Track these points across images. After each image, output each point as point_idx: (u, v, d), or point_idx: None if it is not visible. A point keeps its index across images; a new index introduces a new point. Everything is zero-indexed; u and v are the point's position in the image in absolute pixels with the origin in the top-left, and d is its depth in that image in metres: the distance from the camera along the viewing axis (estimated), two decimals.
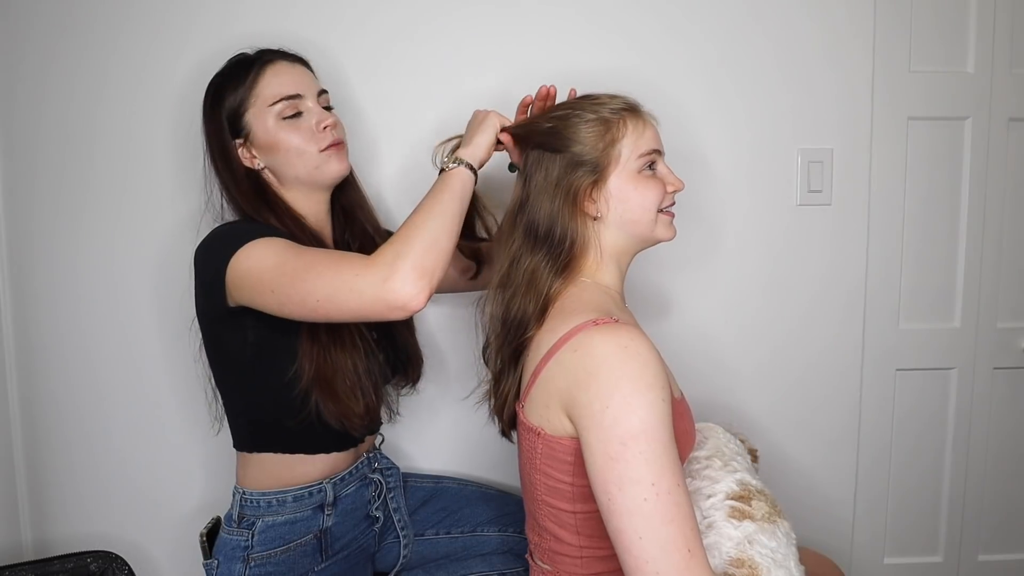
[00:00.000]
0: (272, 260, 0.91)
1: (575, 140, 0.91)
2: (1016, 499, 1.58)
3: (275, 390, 1.03)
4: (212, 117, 1.06)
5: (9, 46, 1.32)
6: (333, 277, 0.88)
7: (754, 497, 0.91)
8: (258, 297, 0.92)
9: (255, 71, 1.04)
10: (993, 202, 1.48)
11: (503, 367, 0.96)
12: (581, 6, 1.38)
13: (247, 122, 1.04)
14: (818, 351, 1.49)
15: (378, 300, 0.85)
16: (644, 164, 0.92)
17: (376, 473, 1.17)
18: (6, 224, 1.37)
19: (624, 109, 0.93)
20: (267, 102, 1.03)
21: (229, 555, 1.04)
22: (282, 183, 1.07)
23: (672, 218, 0.97)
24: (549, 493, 0.88)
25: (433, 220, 0.90)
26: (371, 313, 0.87)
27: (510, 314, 0.92)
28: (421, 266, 0.86)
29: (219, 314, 0.99)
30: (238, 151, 1.05)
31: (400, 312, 0.86)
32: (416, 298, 0.85)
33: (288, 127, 1.03)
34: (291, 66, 1.07)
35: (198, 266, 1.00)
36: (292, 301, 0.90)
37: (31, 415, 1.40)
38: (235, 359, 1.04)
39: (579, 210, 0.91)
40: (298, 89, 1.05)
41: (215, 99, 1.06)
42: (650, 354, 0.79)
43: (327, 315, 0.89)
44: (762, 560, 0.82)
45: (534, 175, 0.94)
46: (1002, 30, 1.43)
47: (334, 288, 0.87)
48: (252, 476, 1.07)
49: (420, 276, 0.85)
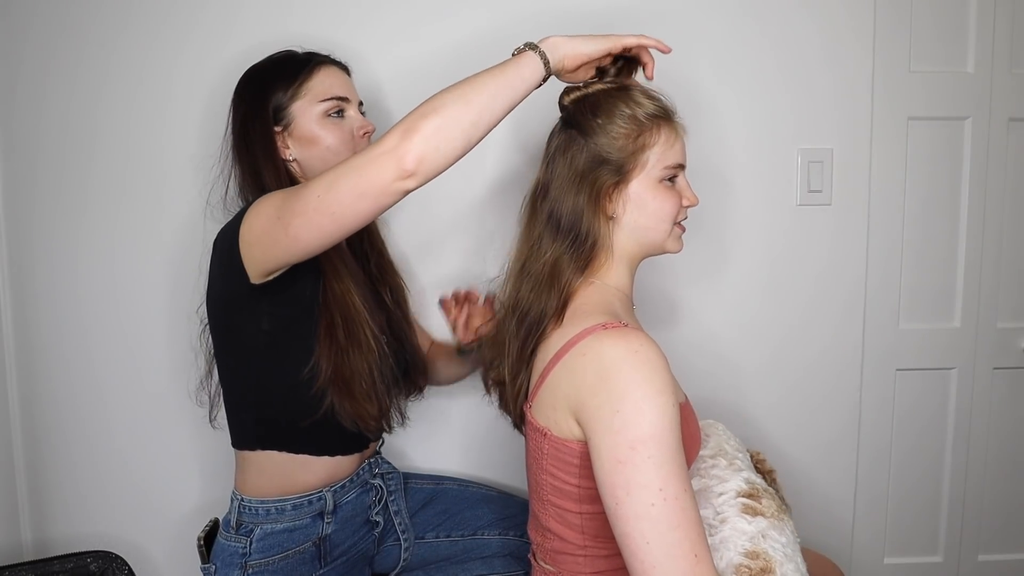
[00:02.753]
0: (277, 197, 0.90)
1: (606, 132, 0.90)
2: (1016, 499, 1.58)
3: (288, 386, 1.02)
4: (255, 103, 1.07)
5: (9, 46, 1.32)
6: (329, 171, 0.84)
7: (762, 495, 0.94)
8: (267, 239, 0.89)
9: (309, 68, 1.07)
10: (993, 202, 1.48)
11: (519, 362, 0.95)
12: (585, 13, 1.38)
13: (291, 113, 1.06)
14: (818, 351, 1.49)
15: (371, 163, 0.80)
16: (667, 175, 0.92)
17: (377, 478, 1.16)
18: (6, 224, 1.36)
19: (660, 115, 0.92)
20: (318, 97, 1.06)
21: (227, 561, 1.03)
22: (308, 179, 1.07)
23: (683, 232, 0.97)
24: (555, 494, 0.88)
25: (453, 90, 0.83)
26: (368, 185, 0.81)
27: (530, 308, 0.91)
28: (415, 126, 0.80)
29: (235, 297, 0.97)
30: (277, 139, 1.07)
31: (390, 171, 0.80)
32: (409, 154, 0.79)
33: (331, 125, 1.07)
34: (340, 71, 1.11)
35: (216, 248, 1.00)
36: (296, 214, 0.85)
37: (31, 415, 1.40)
38: (247, 348, 1.02)
39: (600, 209, 0.91)
40: (346, 93, 1.09)
41: (261, 88, 1.07)
42: (659, 359, 0.79)
43: (330, 211, 0.83)
44: (775, 553, 0.85)
45: (557, 160, 0.93)
46: (1002, 30, 1.44)
47: (331, 176, 0.83)
48: (251, 481, 1.06)
49: (413, 133, 0.79)
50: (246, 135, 1.07)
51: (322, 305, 1.02)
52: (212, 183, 1.18)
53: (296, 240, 0.87)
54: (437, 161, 0.81)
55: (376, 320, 1.08)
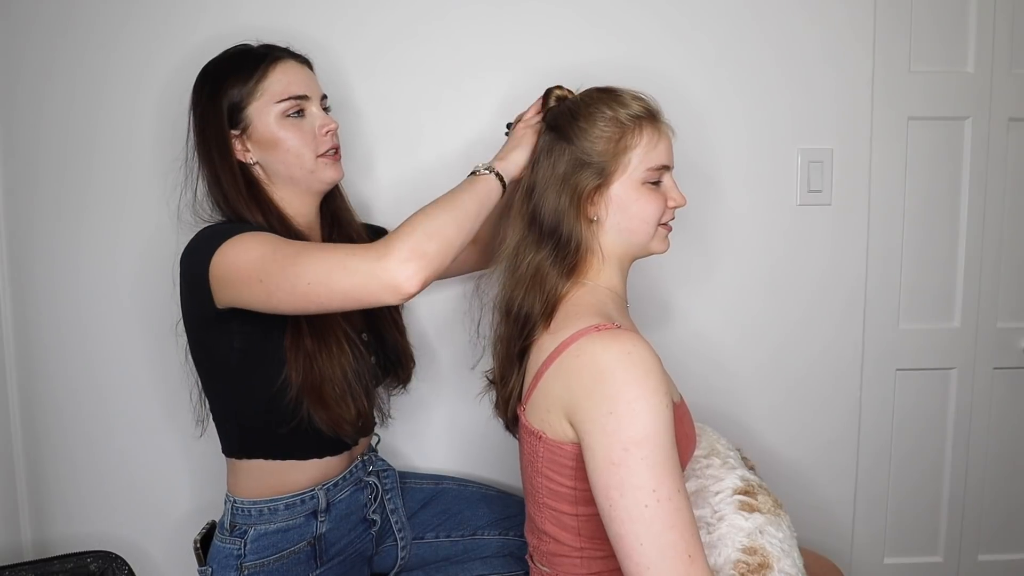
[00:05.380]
0: (258, 250, 0.89)
1: (587, 135, 0.90)
2: (1016, 499, 1.58)
3: (265, 398, 1.01)
4: (210, 104, 1.02)
5: (9, 46, 1.32)
6: (326, 258, 0.85)
7: (758, 492, 0.95)
8: (245, 290, 0.89)
9: (265, 66, 1.02)
10: (993, 202, 1.48)
11: (509, 363, 0.95)
12: (581, 6, 1.38)
13: (248, 115, 1.02)
14: (818, 351, 1.49)
15: (372, 278, 0.83)
16: (650, 177, 0.91)
17: (371, 476, 1.16)
18: (6, 224, 1.36)
19: (642, 116, 0.91)
20: (274, 98, 1.02)
21: (223, 563, 1.03)
22: (272, 181, 1.05)
23: (669, 232, 0.97)
24: (551, 496, 0.88)
25: (444, 212, 0.89)
26: (364, 294, 0.84)
27: (515, 308, 0.92)
28: (421, 249, 0.84)
29: (206, 318, 0.97)
30: (232, 142, 1.03)
31: (393, 293, 0.83)
32: (411, 280, 0.83)
33: (290, 126, 1.02)
34: (299, 67, 1.07)
35: (183, 270, 0.98)
36: (281, 288, 0.86)
37: (31, 415, 1.40)
38: (222, 365, 1.02)
39: (582, 212, 0.91)
40: (305, 90, 1.05)
41: (215, 87, 1.03)
42: (652, 360, 0.79)
43: (318, 300, 0.85)
44: (772, 549, 0.86)
45: (541, 163, 0.93)
46: (1002, 30, 1.43)
47: (327, 268, 0.84)
48: (242, 484, 1.06)
49: (418, 257, 0.83)
50: (204, 138, 1.04)
51: None
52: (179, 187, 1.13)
53: (276, 308, 0.90)
54: (432, 279, 0.86)
55: (350, 318, 1.07)
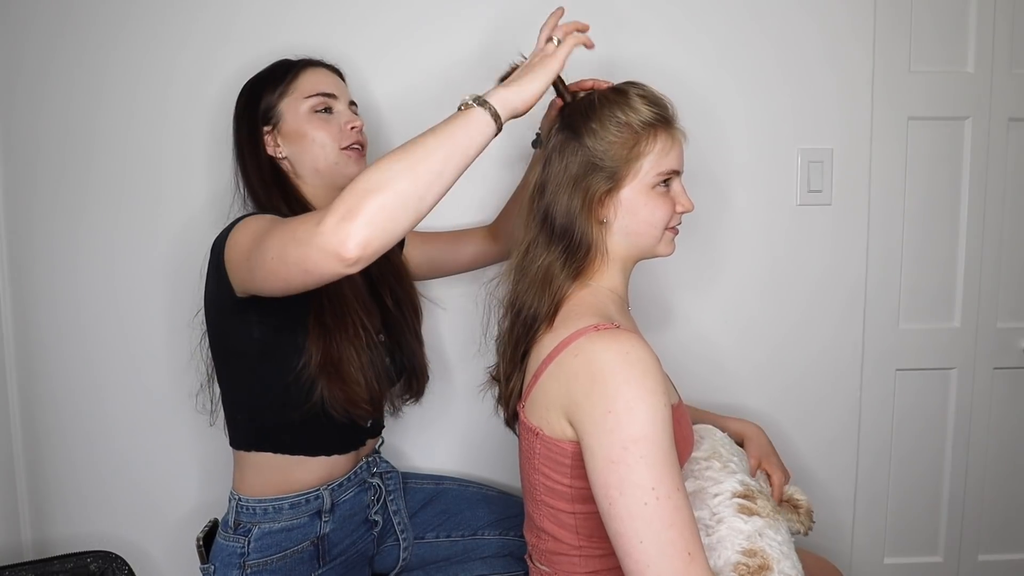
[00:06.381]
0: (253, 230, 0.90)
1: (600, 139, 0.89)
2: (1016, 499, 1.58)
3: (282, 386, 1.02)
4: (246, 111, 1.11)
5: (9, 46, 1.32)
6: (283, 230, 0.81)
7: (757, 496, 0.95)
8: (239, 272, 0.91)
9: (296, 69, 1.11)
10: (993, 202, 1.48)
11: (514, 362, 0.95)
12: (582, 6, 1.38)
13: (280, 110, 1.09)
14: (818, 351, 1.49)
15: (311, 246, 0.75)
16: (660, 181, 0.92)
17: (375, 478, 1.16)
18: (6, 224, 1.37)
19: (657, 123, 0.91)
20: (304, 94, 1.09)
21: (225, 561, 1.04)
22: (299, 175, 1.11)
23: (675, 235, 0.97)
24: (548, 494, 0.88)
25: (398, 160, 0.75)
26: (309, 264, 0.76)
27: (523, 309, 0.92)
28: (360, 207, 0.73)
29: (227, 305, 0.98)
30: (265, 138, 1.10)
31: (334, 260, 0.74)
32: (347, 243, 0.72)
33: (318, 120, 1.09)
34: (330, 73, 1.15)
35: (212, 254, 1.00)
36: (257, 264, 0.84)
37: (31, 415, 1.40)
38: (240, 354, 1.03)
39: (592, 214, 0.91)
40: (334, 90, 1.12)
41: (252, 94, 1.11)
42: (651, 360, 0.79)
43: (279, 274, 0.81)
44: (771, 551, 0.87)
45: (553, 162, 0.92)
46: (1002, 30, 1.43)
47: (283, 242, 0.80)
48: (248, 481, 1.07)
49: (355, 216, 0.72)
50: (240, 141, 1.12)
51: (311, 293, 0.99)
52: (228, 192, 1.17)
53: (262, 288, 0.88)
54: (384, 241, 0.74)
55: (368, 313, 1.08)
